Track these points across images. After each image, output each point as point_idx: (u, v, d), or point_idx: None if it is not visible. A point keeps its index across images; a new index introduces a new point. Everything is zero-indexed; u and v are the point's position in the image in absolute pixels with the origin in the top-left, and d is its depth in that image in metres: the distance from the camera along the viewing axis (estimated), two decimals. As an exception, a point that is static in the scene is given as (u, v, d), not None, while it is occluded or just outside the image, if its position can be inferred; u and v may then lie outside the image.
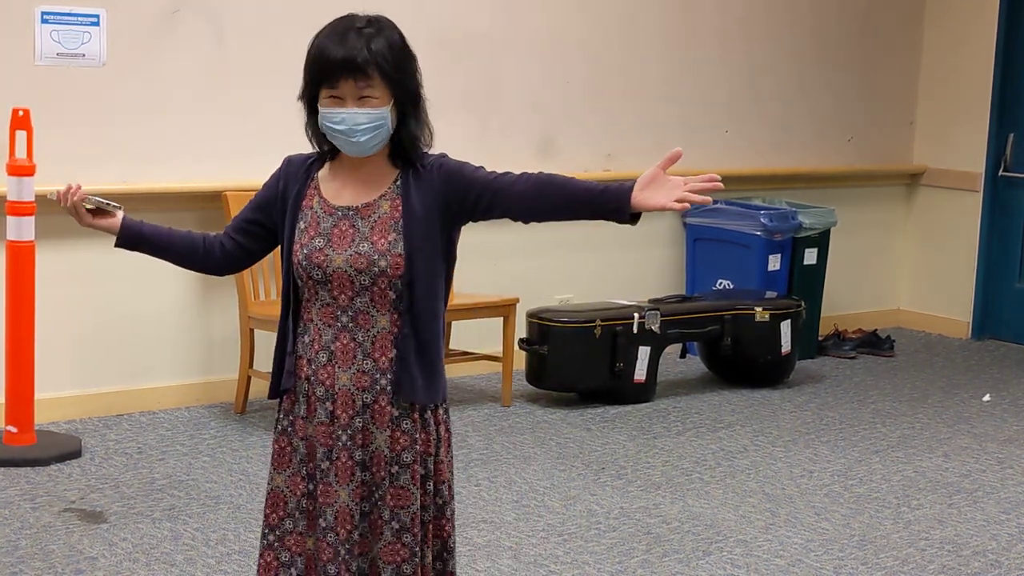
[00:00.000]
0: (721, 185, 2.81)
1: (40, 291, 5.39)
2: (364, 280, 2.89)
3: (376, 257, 2.87)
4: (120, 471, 5.23)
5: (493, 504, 5.02)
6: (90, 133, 5.74)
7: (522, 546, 4.62)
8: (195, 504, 4.90)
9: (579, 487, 5.25)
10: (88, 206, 3.03)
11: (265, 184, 3.05)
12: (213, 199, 5.99)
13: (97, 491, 4.99)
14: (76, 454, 5.35)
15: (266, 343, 5.91)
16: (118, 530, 4.62)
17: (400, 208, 2.91)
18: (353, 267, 2.88)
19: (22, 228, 5.26)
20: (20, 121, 5.26)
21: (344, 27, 2.89)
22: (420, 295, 2.90)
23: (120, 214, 3.08)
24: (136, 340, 5.96)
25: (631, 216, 2.85)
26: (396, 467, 2.93)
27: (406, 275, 2.88)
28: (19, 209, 5.25)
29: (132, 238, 3.09)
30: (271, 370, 3.09)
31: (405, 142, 2.92)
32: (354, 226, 2.91)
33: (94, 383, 5.89)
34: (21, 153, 5.25)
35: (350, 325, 2.92)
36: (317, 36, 2.91)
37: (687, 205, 2.83)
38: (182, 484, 5.10)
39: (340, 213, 2.92)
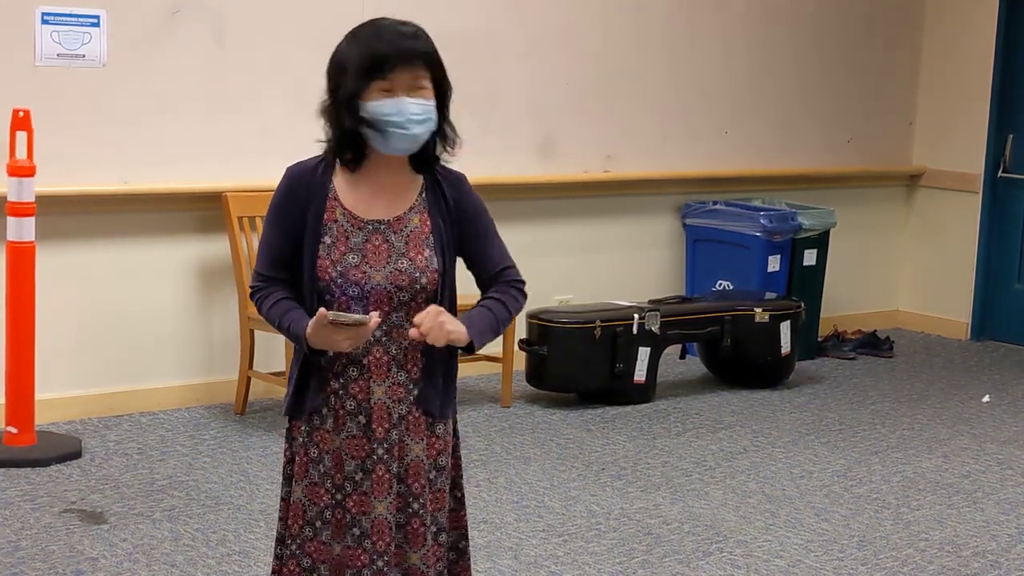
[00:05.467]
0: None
1: (40, 292, 5.39)
2: (403, 296, 2.87)
3: (417, 275, 2.87)
4: (120, 472, 5.23)
5: (493, 505, 5.02)
6: (90, 134, 5.75)
7: (522, 547, 4.63)
8: (195, 505, 4.90)
9: (579, 488, 5.25)
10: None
11: (276, 209, 2.91)
12: (213, 200, 5.99)
13: (97, 492, 4.99)
14: (76, 455, 5.35)
15: (266, 344, 5.92)
16: (118, 531, 4.62)
17: (429, 223, 2.91)
18: (394, 284, 2.86)
19: (22, 229, 5.26)
20: (20, 122, 5.26)
21: (384, 25, 2.86)
22: (448, 311, 2.91)
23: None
24: (136, 341, 5.96)
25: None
26: (434, 472, 2.96)
27: (437, 291, 2.89)
28: (19, 210, 5.25)
29: None
30: (290, 386, 2.97)
31: (434, 147, 2.92)
32: (387, 241, 2.87)
33: (94, 384, 5.89)
34: (21, 154, 5.25)
35: (383, 339, 2.90)
36: (354, 37, 2.85)
37: None
38: (182, 485, 5.10)
39: (371, 227, 2.88)
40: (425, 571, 2.96)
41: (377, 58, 2.81)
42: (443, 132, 2.93)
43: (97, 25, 5.70)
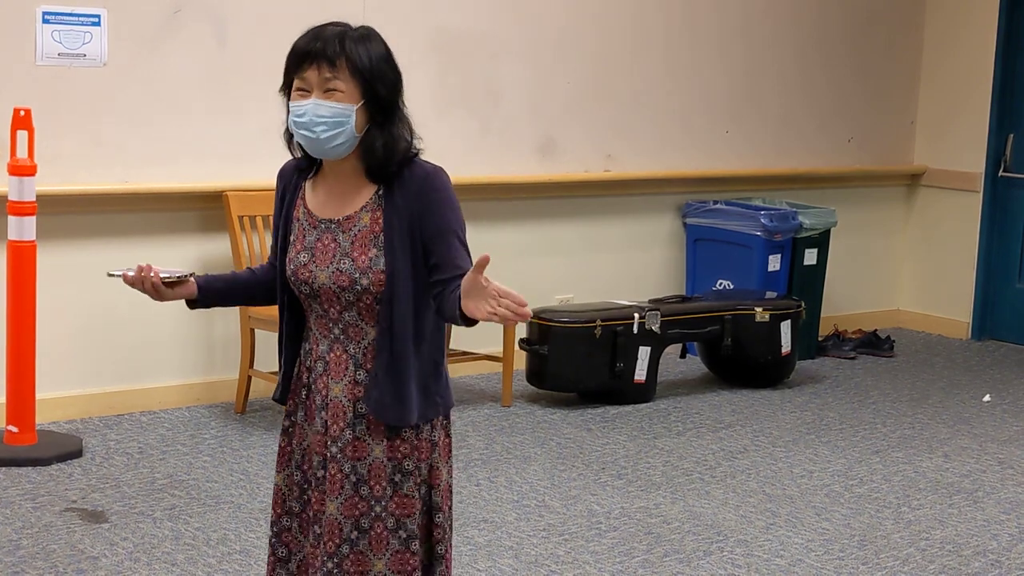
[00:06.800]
0: (528, 314, 2.61)
1: (41, 291, 5.39)
2: (349, 296, 2.85)
3: (358, 275, 2.83)
4: (121, 471, 5.23)
5: (494, 504, 5.02)
6: (91, 133, 5.75)
7: (523, 546, 4.63)
8: (196, 504, 4.90)
9: (579, 487, 5.26)
10: (166, 278, 2.96)
11: (275, 206, 3.01)
12: (214, 199, 6.00)
13: (98, 491, 5.00)
14: (77, 454, 5.35)
15: (267, 343, 5.92)
16: (119, 530, 4.62)
17: (380, 221, 2.84)
18: (336, 284, 2.85)
19: (23, 228, 5.26)
20: (21, 121, 5.26)
21: (325, 25, 2.86)
22: (401, 313, 2.83)
23: (192, 280, 3.01)
24: (137, 340, 5.96)
25: (466, 320, 2.70)
26: (399, 475, 2.90)
27: (387, 292, 2.83)
28: (20, 209, 5.25)
29: (207, 299, 3.04)
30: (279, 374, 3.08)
31: (370, 156, 2.83)
32: (335, 240, 2.86)
33: (95, 383, 5.89)
34: (22, 153, 5.26)
35: (341, 337, 2.89)
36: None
37: (499, 320, 2.62)
38: (183, 484, 5.11)
39: (323, 226, 2.88)
40: None
41: (293, 56, 2.84)
42: (374, 143, 2.82)
43: (98, 24, 5.70)
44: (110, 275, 3.03)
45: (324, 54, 2.79)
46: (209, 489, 5.06)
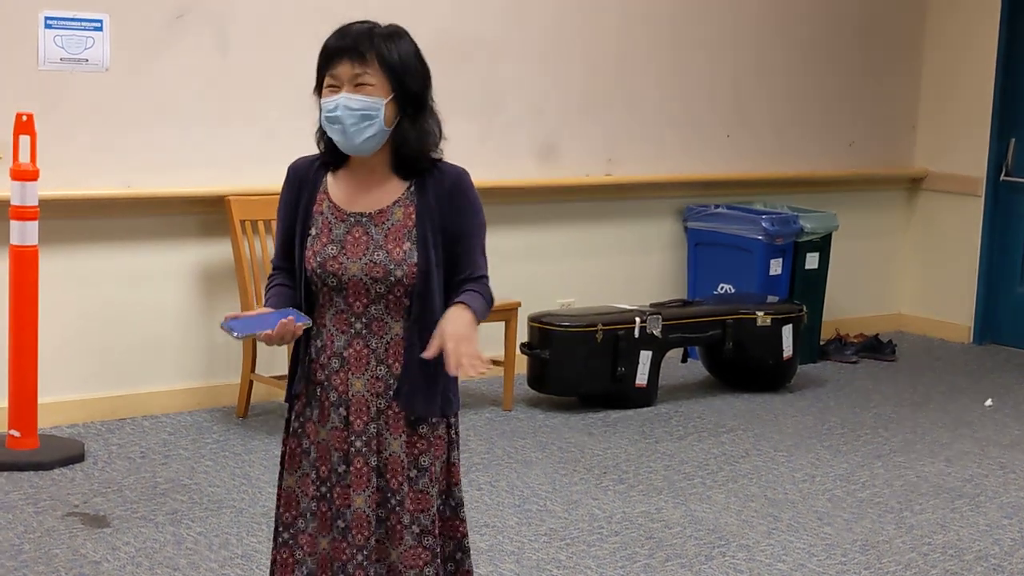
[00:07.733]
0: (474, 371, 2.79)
1: (43, 295, 5.40)
2: (380, 288, 2.89)
3: (392, 267, 2.87)
4: (123, 475, 5.23)
5: (495, 508, 5.03)
6: (93, 138, 5.75)
7: (524, 550, 4.63)
8: (198, 508, 4.90)
9: (581, 491, 5.26)
10: (303, 325, 2.91)
11: (281, 202, 3.01)
12: (216, 204, 6.00)
13: (100, 495, 5.00)
14: (79, 458, 5.36)
15: (268, 347, 5.91)
16: (121, 534, 4.62)
17: (413, 216, 2.90)
18: (369, 275, 2.88)
19: (25, 232, 5.27)
20: (23, 126, 5.26)
21: (353, 23, 2.92)
22: (430, 307, 2.90)
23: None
24: (139, 344, 5.96)
25: None
26: (415, 471, 2.95)
27: (419, 286, 2.89)
28: (22, 213, 5.26)
29: None
30: (288, 373, 3.08)
31: (402, 149, 2.89)
32: (368, 233, 2.90)
33: (97, 387, 5.90)
34: (24, 158, 5.26)
35: (364, 332, 2.92)
36: None
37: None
38: (185, 488, 5.11)
39: (353, 219, 2.92)
40: (403, 572, 2.94)
41: (324, 53, 2.89)
42: (405, 137, 2.89)
43: (100, 29, 5.71)
44: (239, 336, 2.88)
45: (354, 49, 2.85)
46: (211, 493, 5.06)
